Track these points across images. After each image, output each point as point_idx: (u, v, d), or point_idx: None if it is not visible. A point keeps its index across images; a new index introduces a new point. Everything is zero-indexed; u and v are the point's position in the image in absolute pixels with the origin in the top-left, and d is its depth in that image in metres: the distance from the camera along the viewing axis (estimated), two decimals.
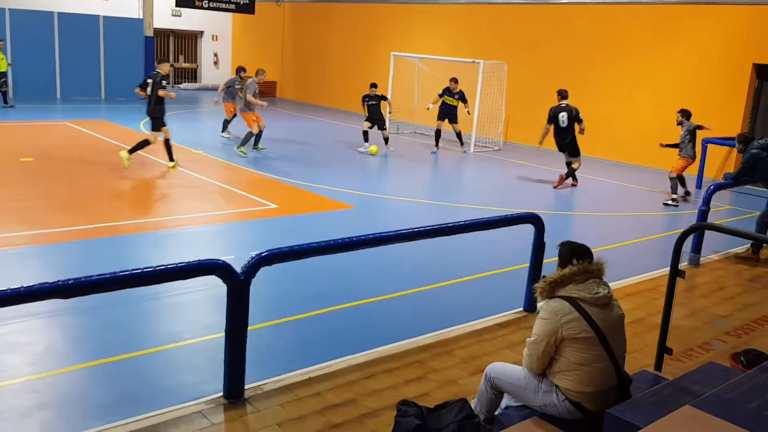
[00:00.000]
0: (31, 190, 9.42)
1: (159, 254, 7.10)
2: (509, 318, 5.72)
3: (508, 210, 9.56)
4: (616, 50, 15.33)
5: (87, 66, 20.69)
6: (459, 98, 15.06)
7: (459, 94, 15.09)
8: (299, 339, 5.27)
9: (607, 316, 3.32)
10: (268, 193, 10.13)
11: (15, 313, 5.08)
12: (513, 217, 6.09)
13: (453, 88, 15.09)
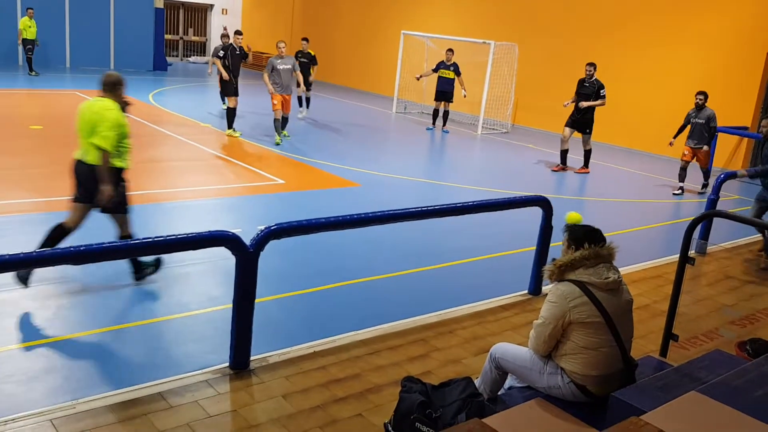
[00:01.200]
0: (41, 157, 9.44)
1: (167, 226, 7.11)
2: (514, 300, 5.74)
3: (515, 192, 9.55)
4: (628, 35, 15.17)
5: (97, 36, 20.62)
6: (453, 70, 14.84)
7: (453, 66, 14.84)
8: (305, 313, 5.30)
9: (616, 301, 3.32)
10: (276, 168, 10.13)
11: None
12: (521, 200, 6.09)
13: (448, 59, 14.87)
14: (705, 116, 10.85)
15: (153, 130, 12.18)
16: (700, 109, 10.94)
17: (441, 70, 14.92)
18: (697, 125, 10.96)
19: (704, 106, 10.88)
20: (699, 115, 10.92)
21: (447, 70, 14.85)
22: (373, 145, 13.13)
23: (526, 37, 16.80)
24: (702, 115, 10.88)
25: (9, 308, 4.84)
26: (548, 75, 16.66)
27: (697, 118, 10.95)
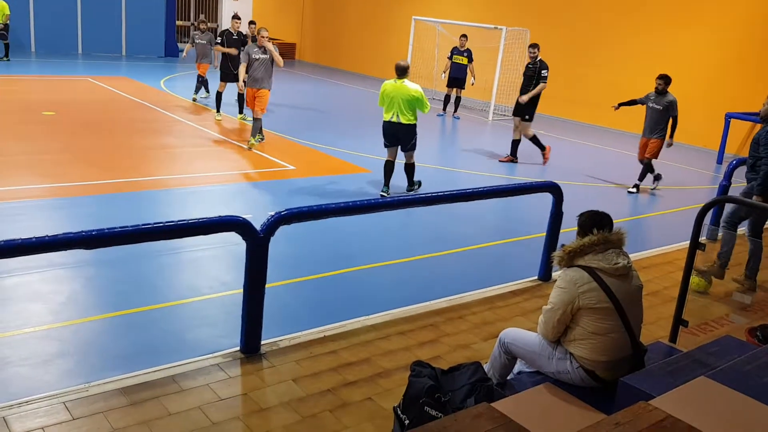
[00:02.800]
0: (54, 143, 9.50)
1: (178, 211, 7.16)
2: (523, 286, 5.73)
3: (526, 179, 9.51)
4: (640, 20, 14.99)
5: (108, 22, 20.62)
6: (467, 56, 14.77)
7: (467, 51, 14.76)
8: (315, 298, 5.33)
9: (626, 287, 3.31)
10: (286, 154, 10.14)
11: (39, 263, 5.20)
12: (532, 186, 6.07)
13: (462, 44, 14.77)
14: (664, 102, 9.47)
15: (164, 115, 12.22)
16: (660, 94, 9.59)
17: (455, 56, 14.84)
18: (653, 111, 9.63)
19: (665, 91, 9.54)
20: (658, 100, 9.55)
21: (460, 56, 14.77)
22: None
23: (538, 22, 16.64)
24: (661, 101, 9.51)
25: (23, 292, 4.90)
26: (560, 60, 16.50)
27: (654, 103, 9.60)
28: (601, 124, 15.78)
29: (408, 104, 8.06)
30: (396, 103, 8.08)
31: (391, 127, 8.22)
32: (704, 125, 14.05)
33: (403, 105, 8.06)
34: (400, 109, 8.09)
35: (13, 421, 3.30)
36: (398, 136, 8.23)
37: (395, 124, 8.17)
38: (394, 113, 8.13)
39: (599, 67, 15.84)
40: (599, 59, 15.82)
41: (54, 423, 3.32)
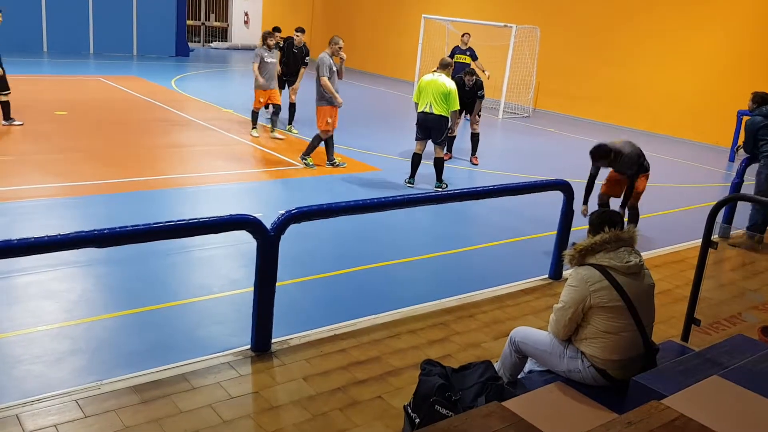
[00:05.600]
0: (66, 142, 9.57)
1: (189, 210, 7.19)
2: (534, 285, 5.72)
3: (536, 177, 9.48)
4: (652, 18, 14.90)
5: (120, 22, 20.72)
6: (469, 54, 14.54)
7: (469, 50, 14.47)
8: (325, 297, 5.33)
9: (638, 286, 3.29)
10: (296, 153, 10.14)
11: (51, 261, 5.23)
12: (542, 184, 6.06)
13: (464, 43, 14.44)
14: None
15: (175, 115, 12.28)
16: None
17: (457, 55, 14.65)
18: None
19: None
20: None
21: (463, 55, 14.53)
22: (394, 130, 13.09)
23: (548, 19, 16.59)
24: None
25: (36, 290, 4.94)
26: (570, 58, 16.45)
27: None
28: (612, 121, 15.71)
29: (442, 97, 8.46)
30: (430, 93, 8.49)
31: (424, 117, 8.56)
32: (716, 123, 13.95)
33: (436, 96, 8.46)
34: (434, 100, 8.47)
35: (26, 418, 3.33)
36: (430, 127, 8.57)
37: (428, 114, 8.52)
38: (427, 104, 8.51)
39: (610, 64, 15.76)
40: (610, 57, 15.74)
41: (66, 421, 3.34)
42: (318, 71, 9.04)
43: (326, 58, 9.09)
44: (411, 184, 8.79)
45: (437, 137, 8.63)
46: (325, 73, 9.00)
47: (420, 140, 8.74)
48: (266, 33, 11.06)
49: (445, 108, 8.53)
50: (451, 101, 8.54)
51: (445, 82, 8.50)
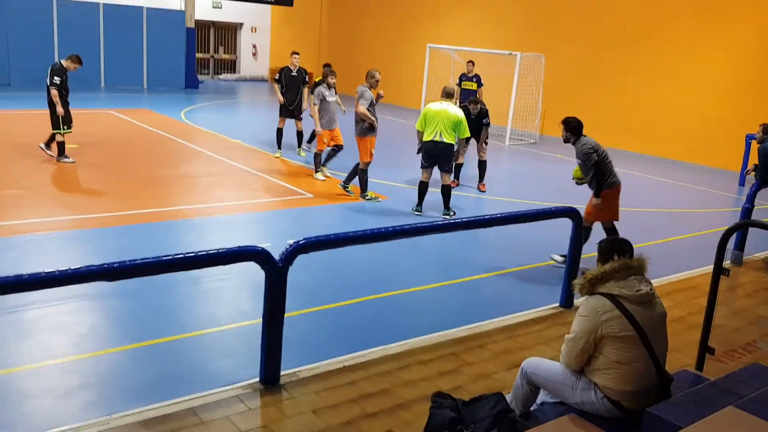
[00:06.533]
0: (76, 175, 9.65)
1: (198, 240, 7.21)
2: (545, 313, 5.67)
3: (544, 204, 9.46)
4: (657, 42, 15.00)
5: (130, 56, 21.03)
6: (476, 81, 14.73)
7: (475, 77, 14.69)
8: (334, 327, 5.31)
9: (649, 315, 3.26)
10: (304, 182, 10.20)
11: (61, 295, 5.24)
12: (551, 211, 6.04)
13: (469, 70, 14.74)
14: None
15: (184, 146, 12.39)
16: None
17: (463, 82, 14.86)
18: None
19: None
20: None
21: (469, 82, 14.78)
22: (401, 158, 13.14)
23: (553, 47, 16.72)
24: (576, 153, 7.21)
25: (46, 324, 4.94)
26: (576, 85, 16.54)
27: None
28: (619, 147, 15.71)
29: (452, 126, 8.50)
30: (440, 122, 8.48)
31: (433, 146, 8.55)
32: (725, 147, 13.95)
33: (447, 125, 8.48)
34: (444, 129, 8.48)
35: None
36: (438, 155, 8.59)
37: (438, 143, 8.52)
38: (437, 132, 8.50)
39: (616, 90, 15.83)
40: (616, 83, 15.82)
41: None
42: (356, 102, 9.23)
43: (366, 91, 9.30)
44: (419, 212, 8.79)
45: (444, 165, 8.66)
46: (365, 104, 9.17)
47: (426, 168, 8.77)
48: (327, 70, 10.60)
49: (454, 136, 8.58)
50: (462, 129, 8.60)
51: (455, 111, 8.56)
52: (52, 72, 10.02)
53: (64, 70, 10.14)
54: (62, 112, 9.98)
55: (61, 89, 10.02)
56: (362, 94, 9.26)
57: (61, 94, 10.01)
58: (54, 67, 10.16)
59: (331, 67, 11.76)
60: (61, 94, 10.01)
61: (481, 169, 10.72)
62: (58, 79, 9.97)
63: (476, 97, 11.12)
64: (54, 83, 9.93)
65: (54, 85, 9.93)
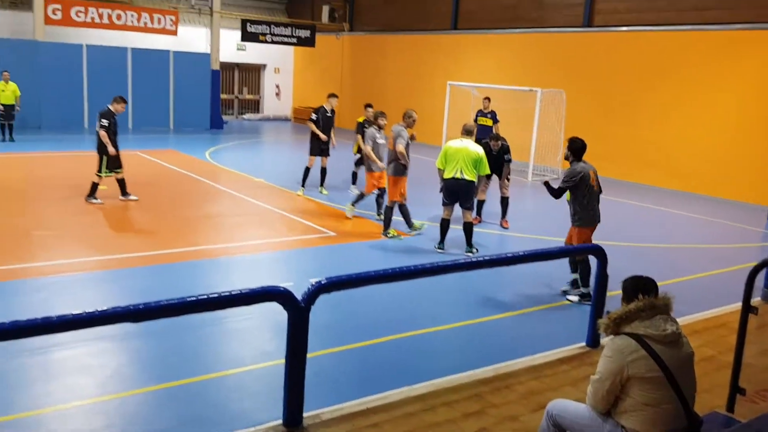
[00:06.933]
0: (104, 216, 9.83)
1: (222, 280, 7.27)
2: (571, 353, 5.58)
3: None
4: (679, 76, 14.98)
5: (157, 98, 21.56)
6: (491, 117, 14.83)
7: (491, 113, 14.80)
8: (357, 367, 5.28)
9: (676, 355, 3.21)
10: (326, 220, 10.27)
11: (87, 336, 5.30)
12: (575, 249, 6.00)
13: (485, 107, 14.88)
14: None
15: (209, 186, 12.58)
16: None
17: (480, 118, 14.97)
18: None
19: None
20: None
21: (485, 118, 14.90)
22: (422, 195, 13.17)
23: (573, 83, 16.79)
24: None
25: (72, 365, 4.99)
26: (598, 120, 16.55)
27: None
28: (643, 181, 15.63)
29: (473, 163, 8.52)
30: (460, 159, 8.50)
31: (455, 183, 8.56)
32: (751, 180, 13.79)
33: (467, 162, 8.50)
34: (465, 166, 8.50)
35: None
36: (459, 192, 8.61)
37: (459, 180, 8.53)
38: (458, 170, 8.52)
39: (638, 125, 15.80)
40: (638, 117, 15.80)
41: None
42: (394, 141, 9.31)
43: (402, 130, 9.38)
44: (441, 249, 8.79)
45: (465, 202, 8.67)
46: (402, 143, 9.26)
47: (447, 205, 8.78)
48: (377, 112, 10.27)
49: (475, 173, 8.61)
50: (482, 167, 8.64)
51: (475, 148, 8.60)
52: (101, 115, 10.37)
53: (111, 113, 10.46)
54: (114, 152, 10.30)
55: (110, 132, 10.30)
56: (399, 133, 9.35)
57: (110, 137, 10.30)
58: (102, 111, 10.48)
59: (373, 107, 11.98)
60: (110, 136, 10.30)
61: (504, 206, 10.71)
62: (106, 122, 10.31)
63: (497, 134, 11.17)
64: (102, 125, 10.28)
65: (102, 127, 10.27)
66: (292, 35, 23.70)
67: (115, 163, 10.50)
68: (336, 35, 25.39)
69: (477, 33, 20.06)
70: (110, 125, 10.34)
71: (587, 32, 17.01)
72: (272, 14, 27.15)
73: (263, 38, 23.01)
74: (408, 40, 22.51)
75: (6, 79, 16.43)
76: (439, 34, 21.34)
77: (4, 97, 16.35)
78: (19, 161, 14.52)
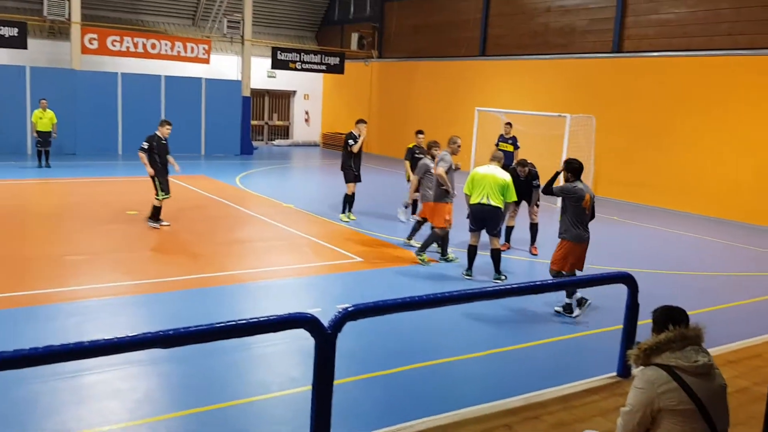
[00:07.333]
0: (135, 241, 10.00)
1: (250, 306, 7.33)
2: (601, 383, 5.49)
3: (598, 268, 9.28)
4: (710, 102, 14.81)
5: (189, 125, 21.97)
6: (512, 143, 14.75)
7: (512, 139, 14.72)
8: (384, 395, 5.26)
9: (708, 387, 3.14)
10: (354, 246, 10.30)
11: (117, 360, 5.34)
12: (604, 277, 5.93)
13: (506, 132, 14.83)
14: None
15: (238, 211, 12.74)
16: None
17: (500, 144, 14.93)
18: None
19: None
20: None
21: (506, 144, 14.87)
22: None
23: (603, 109, 16.71)
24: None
25: (103, 389, 5.06)
26: (629, 146, 16.41)
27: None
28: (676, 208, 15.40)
29: (499, 189, 8.50)
30: (487, 185, 8.50)
31: (481, 209, 8.54)
32: None
33: (494, 188, 8.49)
34: (491, 191, 8.48)
35: None
36: (486, 218, 8.56)
37: (485, 206, 8.50)
38: (484, 195, 8.51)
39: (671, 150, 15.61)
40: (670, 143, 15.62)
41: None
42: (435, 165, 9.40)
43: (446, 155, 9.42)
44: (469, 276, 8.75)
45: (492, 228, 8.64)
46: (443, 167, 9.30)
47: (474, 231, 8.76)
48: (431, 142, 10.23)
49: (502, 200, 8.59)
50: (509, 193, 8.61)
51: (503, 175, 8.59)
52: (145, 139, 10.65)
53: (156, 137, 10.71)
54: (152, 172, 10.55)
55: (153, 155, 10.57)
56: (442, 157, 9.43)
57: (153, 160, 10.58)
58: (149, 135, 10.78)
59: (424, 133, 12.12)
60: (153, 159, 10.58)
61: (533, 232, 10.64)
62: (146, 144, 10.59)
63: (524, 160, 11.14)
64: (141, 147, 10.59)
65: (141, 149, 10.57)
66: (322, 62, 24.08)
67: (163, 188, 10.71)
68: (365, 62, 25.70)
69: (505, 59, 20.12)
70: (152, 148, 10.57)
71: (617, 58, 16.96)
72: (302, 42, 27.63)
73: (293, 65, 23.42)
74: (436, 67, 22.67)
75: (44, 107, 16.91)
76: (467, 61, 21.46)
77: (42, 124, 16.81)
78: (55, 187, 14.90)
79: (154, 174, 10.60)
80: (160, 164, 10.71)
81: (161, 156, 10.70)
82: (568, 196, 7.35)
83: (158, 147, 10.66)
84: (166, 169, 10.83)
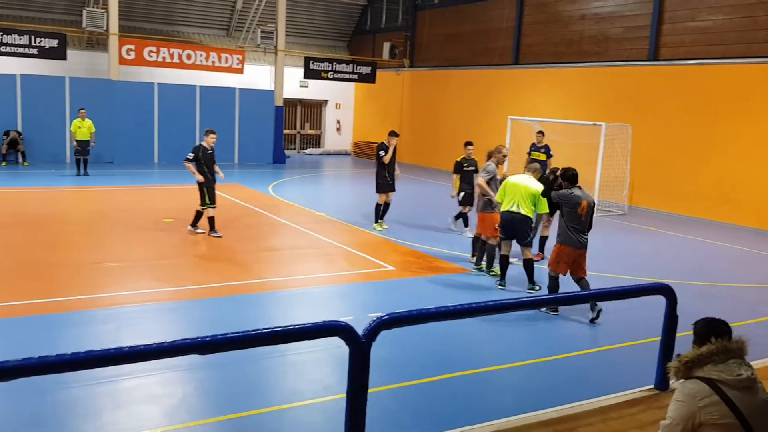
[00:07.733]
0: (172, 248, 10.16)
1: (284, 313, 7.39)
2: (639, 396, 5.38)
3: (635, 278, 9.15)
4: (748, 110, 14.50)
5: (223, 134, 22.22)
6: (545, 152, 14.53)
7: (545, 148, 14.46)
8: (418, 405, 5.24)
9: (751, 401, 3.07)
10: (386, 255, 10.31)
11: (154, 366, 5.46)
12: (641, 288, 5.81)
13: (538, 141, 14.56)
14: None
15: (271, 219, 12.85)
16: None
17: (532, 153, 14.75)
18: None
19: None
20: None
21: (538, 152, 14.66)
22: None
23: (639, 117, 16.48)
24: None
25: (140, 394, 5.14)
26: (666, 154, 16.15)
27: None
28: (714, 218, 15.07)
29: (530, 198, 8.50)
30: (518, 194, 8.51)
31: (510, 217, 8.52)
32: None
33: (525, 197, 8.49)
34: (522, 200, 8.48)
35: None
36: (516, 227, 8.54)
37: (514, 214, 8.49)
38: (514, 203, 8.51)
39: (709, 159, 15.32)
40: (708, 152, 15.33)
41: None
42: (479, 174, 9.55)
43: (489, 164, 9.61)
44: (502, 286, 8.68)
45: (523, 238, 8.57)
46: (484, 177, 9.39)
47: (505, 240, 8.72)
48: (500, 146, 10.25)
49: (532, 209, 8.54)
50: (540, 204, 8.56)
51: (535, 185, 8.56)
52: (191, 150, 10.89)
53: (201, 147, 10.88)
54: (201, 179, 10.74)
55: (200, 165, 10.78)
56: (484, 168, 9.53)
57: (202, 170, 10.78)
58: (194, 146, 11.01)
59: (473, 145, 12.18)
60: (201, 170, 10.78)
61: None
62: (191, 155, 10.80)
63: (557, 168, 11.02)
64: (186, 158, 10.81)
65: (186, 159, 10.80)
66: (354, 72, 24.24)
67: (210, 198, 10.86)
68: (396, 71, 25.79)
69: (538, 67, 20.01)
70: (197, 158, 10.74)
71: (653, 66, 16.73)
72: (334, 51, 27.84)
73: (325, 75, 23.62)
74: (468, 75, 22.63)
75: (82, 116, 17.32)
76: (499, 69, 21.38)
77: (81, 133, 17.21)
78: (93, 195, 15.23)
79: (203, 182, 10.73)
80: (209, 174, 10.84)
81: (208, 166, 10.85)
82: (563, 202, 7.67)
83: (204, 157, 10.80)
84: (214, 179, 10.97)
